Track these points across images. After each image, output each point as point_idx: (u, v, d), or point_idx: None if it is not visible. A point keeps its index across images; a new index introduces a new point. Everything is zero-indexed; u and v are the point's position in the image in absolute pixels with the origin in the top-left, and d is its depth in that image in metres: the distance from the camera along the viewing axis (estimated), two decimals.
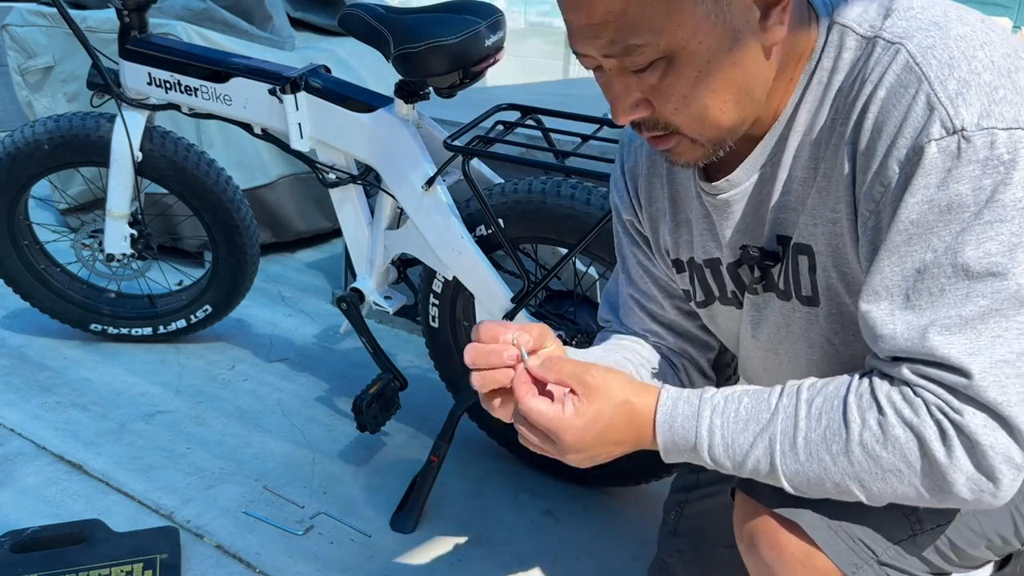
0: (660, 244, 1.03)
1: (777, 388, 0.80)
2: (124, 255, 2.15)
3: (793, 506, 0.85)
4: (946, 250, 0.70)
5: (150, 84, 1.91)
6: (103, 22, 2.62)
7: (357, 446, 1.95)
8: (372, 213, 1.87)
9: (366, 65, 3.02)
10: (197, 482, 1.78)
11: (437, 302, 1.81)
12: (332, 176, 1.84)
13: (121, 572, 1.48)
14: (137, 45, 1.91)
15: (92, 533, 1.55)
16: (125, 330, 2.31)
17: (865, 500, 0.77)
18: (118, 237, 2.11)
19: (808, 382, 0.79)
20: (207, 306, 2.25)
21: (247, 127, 1.89)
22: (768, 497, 0.87)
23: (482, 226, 1.68)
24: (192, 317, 2.28)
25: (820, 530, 0.85)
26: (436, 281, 1.78)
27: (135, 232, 2.13)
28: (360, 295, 1.86)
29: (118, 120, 1.98)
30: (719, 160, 0.84)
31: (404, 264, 1.92)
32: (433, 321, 1.83)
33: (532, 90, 3.08)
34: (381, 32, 1.62)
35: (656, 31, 0.72)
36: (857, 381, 0.77)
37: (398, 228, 1.81)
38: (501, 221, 1.63)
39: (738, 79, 0.76)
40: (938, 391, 0.71)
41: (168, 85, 1.89)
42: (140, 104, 1.98)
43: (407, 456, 1.92)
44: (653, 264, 1.06)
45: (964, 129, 0.68)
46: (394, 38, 1.60)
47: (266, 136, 1.90)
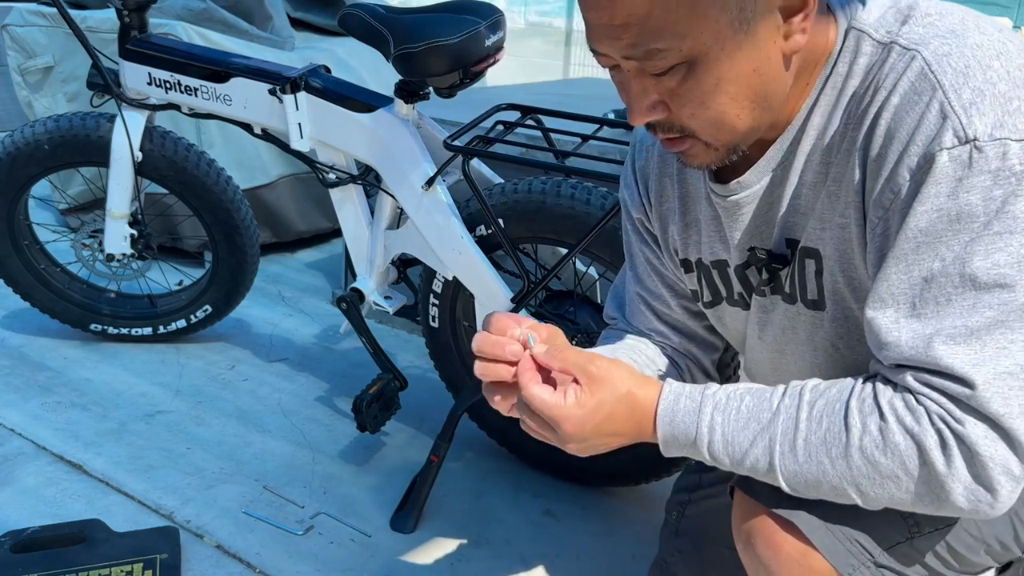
0: (669, 244, 1.03)
1: (780, 388, 0.80)
2: (124, 255, 2.15)
3: (791, 506, 0.85)
4: (954, 260, 0.70)
5: (150, 84, 1.91)
6: (103, 22, 2.62)
7: (357, 446, 1.95)
8: (372, 213, 1.87)
9: (366, 65, 3.02)
10: (197, 482, 1.78)
11: (437, 302, 1.81)
12: (332, 176, 1.84)
13: (121, 572, 1.48)
14: (137, 45, 1.91)
15: (92, 533, 1.55)
16: (125, 330, 2.32)
17: (861, 504, 0.77)
18: (118, 237, 2.11)
19: (811, 383, 0.79)
20: (207, 306, 2.26)
21: (247, 127, 1.89)
22: (767, 496, 0.87)
23: (482, 226, 1.68)
24: (192, 317, 2.28)
25: (817, 530, 0.85)
26: (436, 281, 1.78)
27: (135, 232, 2.13)
28: (360, 295, 1.86)
29: (118, 120, 1.98)
30: (731, 162, 0.84)
31: (404, 264, 1.92)
32: (433, 321, 1.83)
33: (532, 90, 3.08)
34: (381, 32, 1.62)
35: (679, 36, 0.71)
36: (860, 386, 0.77)
37: (398, 228, 1.81)
38: (501, 221, 1.63)
39: (757, 86, 0.76)
40: (941, 400, 0.71)
41: (168, 85, 1.89)
42: (140, 104, 1.98)
43: (407, 456, 1.92)
44: (661, 263, 1.06)
45: (977, 139, 0.68)
46: (394, 38, 1.60)
47: (266, 136, 1.90)
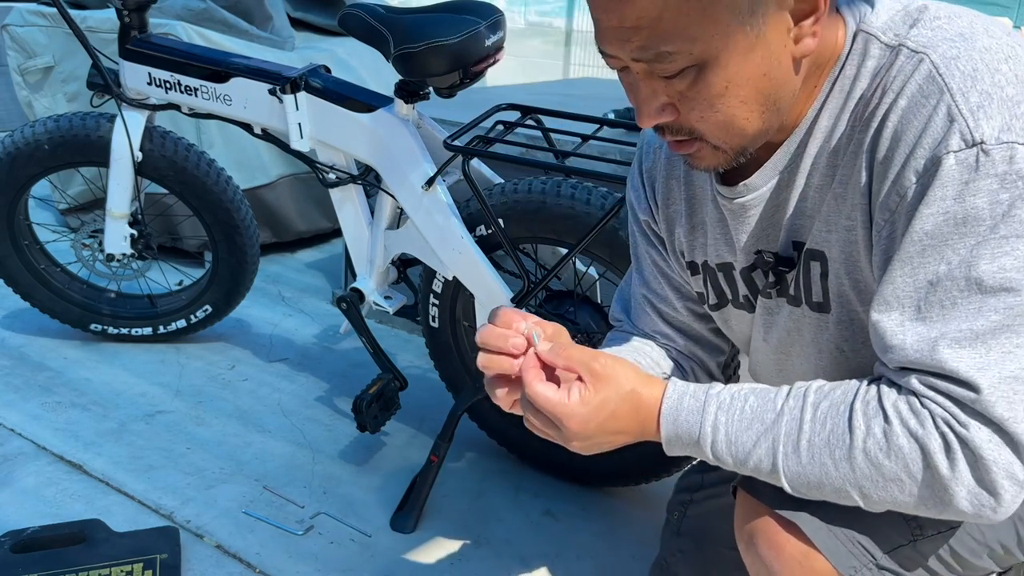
0: (675, 246, 1.02)
1: (784, 389, 0.80)
2: (124, 255, 2.15)
3: (794, 507, 0.85)
4: (960, 263, 0.70)
5: (150, 84, 1.91)
6: (103, 22, 2.62)
7: (357, 446, 1.95)
8: (372, 213, 1.87)
9: (366, 65, 3.02)
10: (197, 482, 1.78)
11: (437, 302, 1.81)
12: (332, 176, 1.84)
13: (121, 572, 1.48)
14: (137, 45, 1.91)
15: (92, 533, 1.55)
16: (125, 330, 2.31)
17: (863, 506, 0.77)
18: (118, 237, 2.11)
19: (815, 385, 0.79)
20: (207, 306, 2.25)
21: (247, 127, 1.89)
22: (769, 496, 0.87)
23: (482, 226, 1.68)
24: (192, 317, 2.28)
25: (819, 532, 0.85)
26: (436, 281, 1.78)
27: (135, 232, 2.13)
28: (360, 295, 1.86)
29: (118, 120, 1.98)
30: (738, 164, 0.84)
31: (404, 264, 1.92)
32: (433, 321, 1.83)
33: (532, 90, 3.08)
34: (381, 32, 1.62)
35: (690, 39, 0.71)
36: (865, 388, 0.76)
37: (398, 228, 1.81)
38: (501, 221, 1.63)
39: (766, 89, 0.76)
40: (945, 403, 0.71)
41: (168, 85, 1.89)
42: (140, 104, 1.98)
43: (407, 456, 1.92)
44: (668, 265, 1.06)
45: (984, 142, 0.68)
46: (394, 38, 1.60)
47: (266, 136, 1.90)
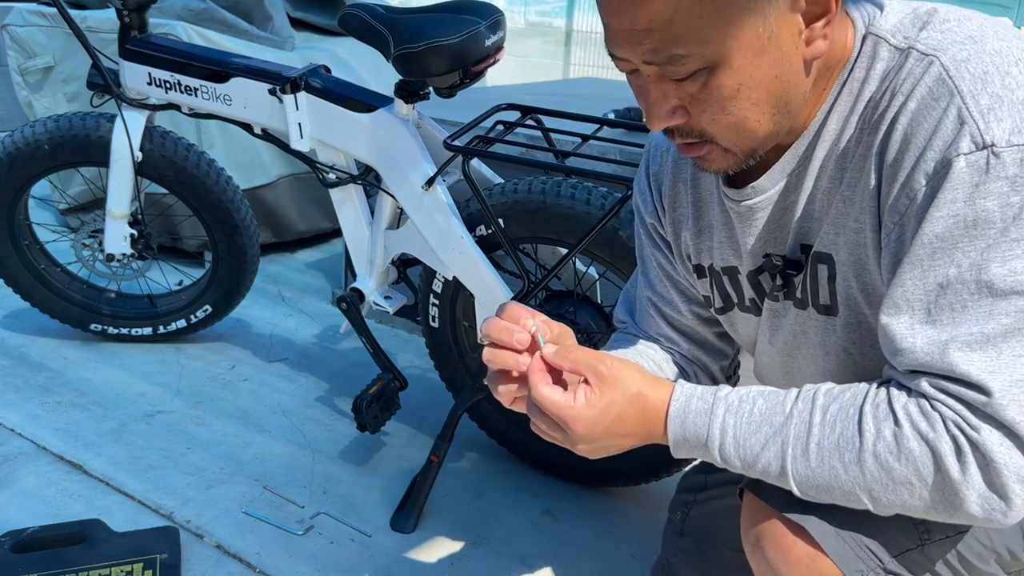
0: (682, 249, 1.02)
1: (792, 391, 0.80)
2: (124, 255, 2.15)
3: (802, 510, 0.85)
4: (970, 266, 0.70)
5: (150, 84, 1.91)
6: (103, 22, 2.62)
7: (357, 446, 1.95)
8: (372, 213, 1.87)
9: (366, 65, 3.02)
10: (197, 482, 1.78)
11: (437, 302, 1.81)
12: (332, 176, 1.84)
13: (121, 572, 1.48)
14: (137, 45, 1.91)
15: (92, 533, 1.55)
16: (125, 330, 2.31)
17: (873, 509, 0.77)
18: (118, 237, 2.11)
19: (824, 387, 0.79)
20: (207, 306, 2.25)
21: (247, 127, 1.89)
22: (777, 499, 0.86)
23: (482, 226, 1.68)
24: (192, 317, 2.28)
25: (827, 535, 0.84)
26: (436, 281, 1.78)
27: (135, 232, 2.13)
28: (360, 295, 1.86)
29: (118, 120, 1.98)
30: (747, 167, 0.84)
31: (404, 264, 1.92)
32: (433, 321, 1.83)
33: (532, 90, 3.08)
34: (381, 32, 1.62)
35: (702, 42, 0.71)
36: (874, 391, 0.76)
37: (398, 228, 1.81)
38: (501, 221, 1.63)
39: (778, 91, 0.76)
40: (956, 407, 0.71)
41: (168, 85, 1.89)
42: (140, 104, 1.98)
43: (407, 456, 1.92)
44: (674, 269, 1.06)
45: (994, 145, 0.68)
46: (394, 38, 1.60)
47: (266, 136, 1.90)
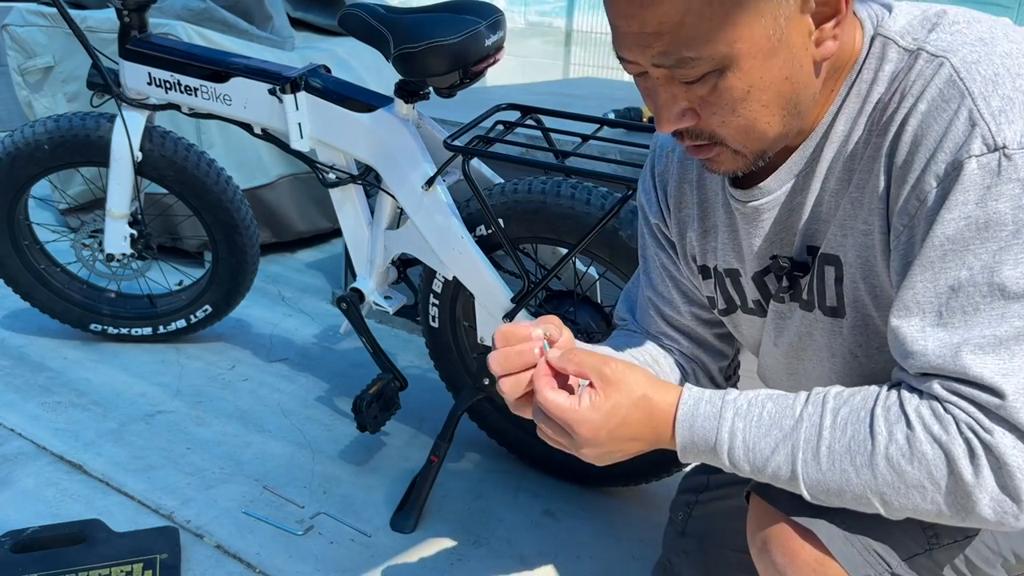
0: (687, 250, 1.02)
1: (802, 395, 0.80)
2: (124, 255, 2.15)
3: (810, 514, 0.84)
4: (982, 268, 0.70)
5: (150, 84, 1.91)
6: (103, 22, 2.62)
7: (357, 446, 1.95)
8: (372, 213, 1.87)
9: (366, 65, 3.02)
10: (197, 482, 1.78)
11: (437, 302, 1.81)
12: (332, 176, 1.84)
13: (121, 572, 1.48)
14: (137, 45, 1.91)
15: (92, 533, 1.55)
16: (125, 330, 2.31)
17: (884, 513, 0.76)
18: (118, 237, 2.11)
19: (834, 391, 0.78)
20: (207, 306, 2.25)
21: (247, 127, 1.89)
22: (784, 502, 0.86)
23: (482, 226, 1.68)
24: (192, 317, 2.28)
25: (836, 539, 0.84)
26: (436, 281, 1.78)
27: (135, 232, 2.13)
28: (360, 295, 1.86)
29: (118, 120, 1.98)
30: (756, 168, 0.84)
31: (404, 264, 1.92)
32: (433, 321, 1.83)
33: (532, 90, 3.07)
34: (381, 32, 1.62)
35: (712, 44, 0.70)
36: (885, 393, 0.76)
37: (398, 228, 1.81)
38: (501, 221, 1.63)
39: (788, 93, 0.75)
40: (969, 409, 0.70)
41: (168, 85, 1.89)
42: (140, 104, 1.98)
43: (407, 456, 1.92)
44: (677, 269, 1.05)
45: (1006, 147, 0.68)
46: (394, 38, 1.60)
47: (266, 136, 1.90)
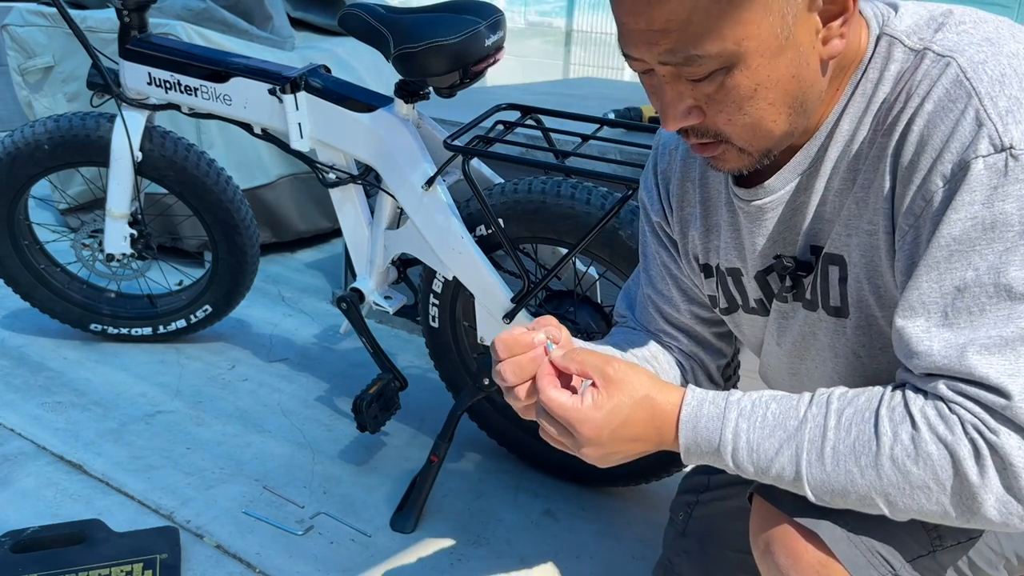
0: (689, 249, 1.02)
1: (806, 395, 0.79)
2: (124, 255, 2.15)
3: (813, 515, 0.84)
4: (988, 269, 0.70)
5: (150, 84, 1.91)
6: (103, 22, 2.62)
7: (357, 446, 1.95)
8: (372, 213, 1.87)
9: (366, 65, 3.02)
10: (197, 482, 1.78)
11: (437, 302, 1.81)
12: (332, 176, 1.84)
13: (121, 572, 1.48)
14: (137, 45, 1.91)
15: (92, 533, 1.55)
16: (125, 330, 2.31)
17: (888, 514, 0.76)
18: (118, 237, 2.11)
19: (838, 391, 0.78)
20: (207, 306, 2.25)
21: (247, 127, 1.89)
22: (787, 504, 0.86)
23: (482, 226, 1.68)
24: (192, 317, 2.28)
25: (840, 541, 0.83)
26: (436, 281, 1.78)
27: (135, 232, 2.13)
28: (360, 295, 1.86)
29: (118, 120, 1.98)
30: (761, 167, 0.83)
31: (404, 264, 1.92)
32: (433, 321, 1.83)
33: (532, 90, 3.07)
34: (381, 32, 1.62)
35: (720, 42, 0.70)
36: (890, 394, 0.75)
37: (398, 228, 1.81)
38: (501, 221, 1.63)
39: (795, 91, 0.75)
40: (975, 409, 0.70)
41: (168, 85, 1.89)
42: (140, 104, 1.98)
43: (407, 456, 1.92)
44: (678, 268, 1.05)
45: (1013, 147, 0.68)
46: (394, 38, 1.60)
47: (266, 136, 1.90)
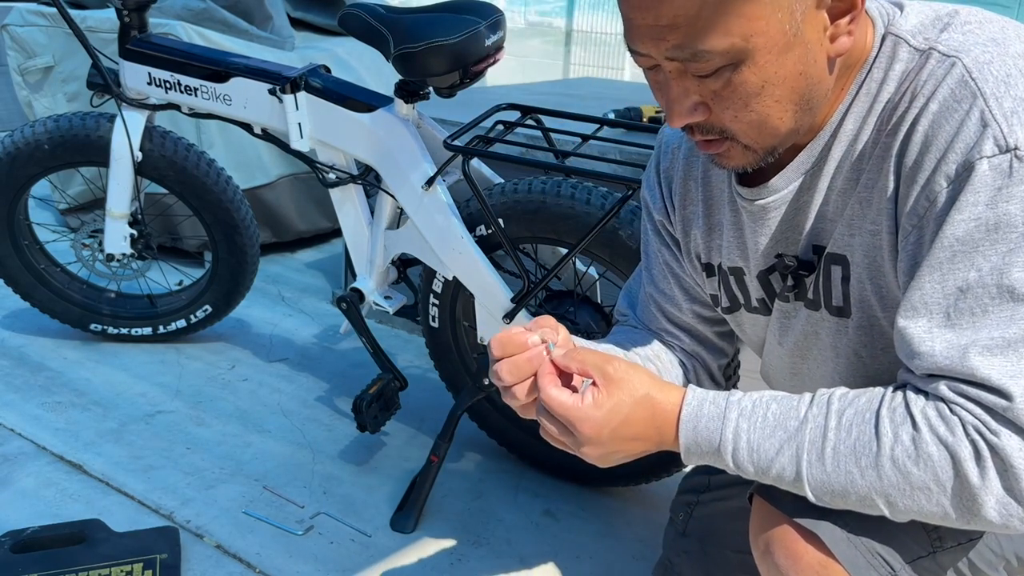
0: (691, 248, 1.01)
1: (806, 396, 0.79)
2: (124, 255, 2.15)
3: (814, 516, 0.84)
4: (991, 270, 0.69)
5: (150, 84, 1.91)
6: (103, 22, 2.62)
7: (357, 446, 1.95)
8: (372, 213, 1.87)
9: (366, 65, 3.02)
10: (197, 482, 1.78)
11: (437, 302, 1.80)
12: (332, 176, 1.84)
13: (121, 572, 1.48)
14: (137, 45, 1.91)
15: (92, 533, 1.55)
16: (125, 330, 2.31)
17: (889, 515, 0.76)
18: (118, 237, 2.11)
19: (839, 392, 0.78)
20: (207, 306, 2.25)
21: (247, 127, 1.89)
22: (787, 504, 0.86)
23: (482, 226, 1.68)
24: (192, 317, 2.28)
25: (840, 542, 0.83)
26: (436, 281, 1.78)
27: (135, 232, 2.13)
28: (360, 295, 1.86)
29: (118, 120, 1.98)
30: (765, 164, 0.83)
31: (404, 264, 1.92)
32: (433, 321, 1.83)
33: (532, 90, 3.07)
34: (381, 32, 1.62)
35: (728, 38, 0.70)
36: (891, 395, 0.75)
37: (398, 228, 1.81)
38: (501, 221, 1.63)
39: (801, 89, 0.75)
40: (976, 411, 0.70)
41: (168, 85, 1.89)
42: (140, 104, 1.98)
43: (407, 456, 1.92)
44: (679, 266, 1.05)
45: (1018, 148, 0.68)
46: (394, 38, 1.60)
47: (266, 136, 1.90)
